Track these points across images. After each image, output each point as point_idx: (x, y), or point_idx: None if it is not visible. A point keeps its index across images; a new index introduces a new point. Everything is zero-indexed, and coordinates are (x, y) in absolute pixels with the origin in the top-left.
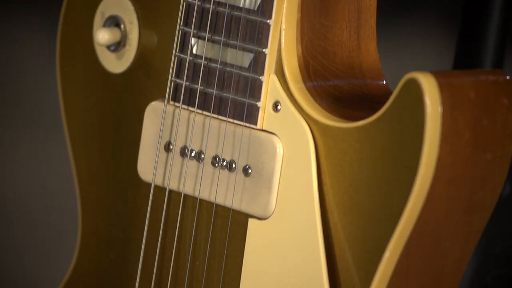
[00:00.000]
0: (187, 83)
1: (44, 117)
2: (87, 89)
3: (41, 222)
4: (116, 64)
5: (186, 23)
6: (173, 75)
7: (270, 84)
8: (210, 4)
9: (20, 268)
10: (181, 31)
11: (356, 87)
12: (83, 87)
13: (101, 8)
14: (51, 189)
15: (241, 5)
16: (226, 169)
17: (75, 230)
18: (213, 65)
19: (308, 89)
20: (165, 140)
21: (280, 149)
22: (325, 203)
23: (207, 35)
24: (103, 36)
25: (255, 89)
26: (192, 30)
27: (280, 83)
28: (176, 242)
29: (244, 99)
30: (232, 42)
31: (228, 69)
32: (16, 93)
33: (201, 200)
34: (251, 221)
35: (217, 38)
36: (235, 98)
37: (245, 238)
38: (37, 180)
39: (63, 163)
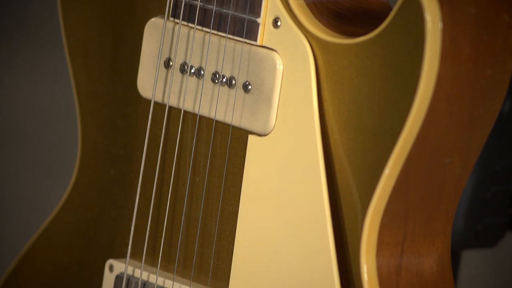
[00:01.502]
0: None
1: (43, 35)
2: (86, 5)
3: (41, 140)
4: None
5: None
6: None
7: (270, 0)
8: None
9: (19, 187)
10: None
11: (356, 3)
12: (83, 3)
13: None
14: (50, 108)
15: None
16: (226, 86)
17: (74, 148)
18: None
19: (308, 5)
20: (164, 56)
21: (280, 66)
22: (325, 119)
23: None
24: None
25: (254, 5)
26: None
27: None
28: (176, 159)
29: (244, 15)
30: None
31: None
32: (15, 12)
33: (201, 117)
34: (250, 138)
35: None
36: (235, 14)
37: (245, 154)
38: (38, 98)
39: (63, 80)
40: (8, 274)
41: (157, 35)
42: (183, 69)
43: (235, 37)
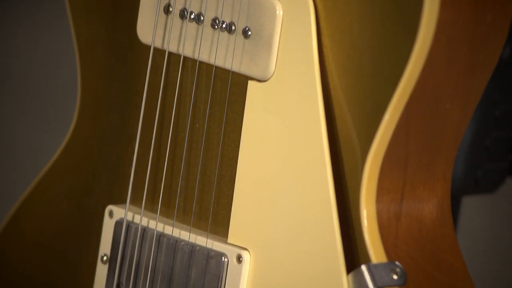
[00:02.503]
0: None
1: None
2: None
3: (40, 87)
4: None
5: None
6: None
7: None
8: None
9: (19, 134)
10: None
11: None
12: None
13: None
14: (49, 54)
15: None
16: (225, 31)
17: (74, 94)
18: None
19: None
20: (164, 2)
21: (279, 11)
22: (325, 65)
23: None
24: None
25: None
26: None
27: None
28: (176, 104)
29: None
30: None
31: None
32: None
33: (201, 63)
34: (250, 83)
35: None
36: None
37: (245, 100)
38: (37, 45)
39: (62, 26)
40: (9, 219)
41: None
42: (182, 14)
43: None
